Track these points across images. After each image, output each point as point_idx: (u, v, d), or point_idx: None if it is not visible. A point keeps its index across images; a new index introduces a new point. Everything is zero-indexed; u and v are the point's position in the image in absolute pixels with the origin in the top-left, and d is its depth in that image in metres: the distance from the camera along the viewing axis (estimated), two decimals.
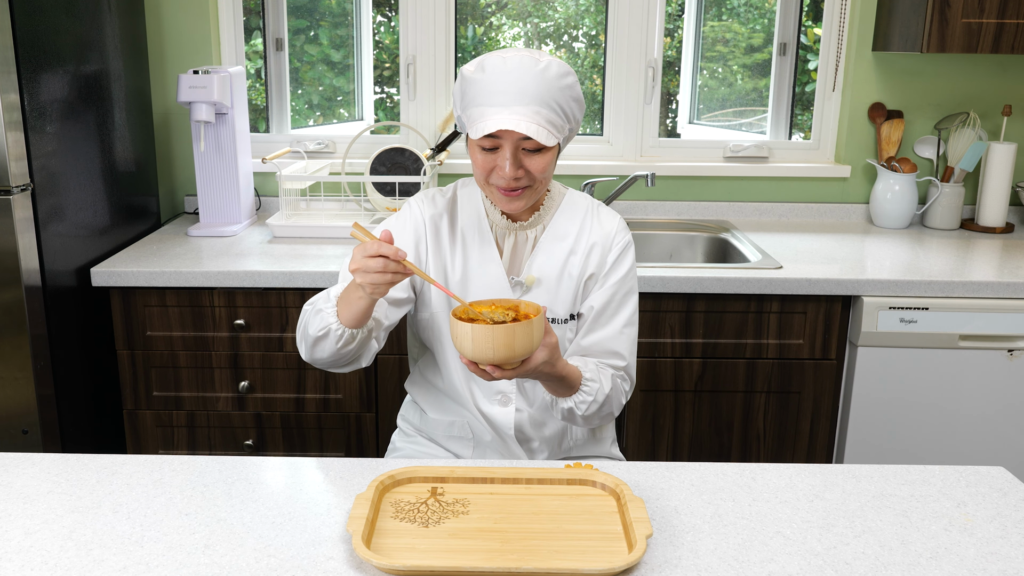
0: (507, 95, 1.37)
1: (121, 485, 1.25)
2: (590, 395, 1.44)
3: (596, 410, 1.47)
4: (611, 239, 1.54)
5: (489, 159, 1.42)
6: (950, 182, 2.70)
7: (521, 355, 1.28)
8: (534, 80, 1.37)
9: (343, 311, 1.36)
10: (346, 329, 1.37)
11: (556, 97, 1.39)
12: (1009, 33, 2.35)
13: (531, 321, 1.27)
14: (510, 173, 1.40)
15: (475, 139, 1.40)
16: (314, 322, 1.39)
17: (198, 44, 2.68)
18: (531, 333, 1.27)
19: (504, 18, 3.48)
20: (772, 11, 3.07)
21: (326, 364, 1.46)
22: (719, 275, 2.16)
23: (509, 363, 1.29)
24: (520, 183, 1.43)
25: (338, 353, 1.40)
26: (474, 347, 1.26)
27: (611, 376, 1.49)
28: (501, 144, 1.40)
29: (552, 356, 1.35)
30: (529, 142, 1.40)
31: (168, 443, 2.29)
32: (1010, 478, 1.31)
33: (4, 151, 1.87)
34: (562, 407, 1.46)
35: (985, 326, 2.18)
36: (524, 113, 1.37)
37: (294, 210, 2.62)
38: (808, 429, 2.29)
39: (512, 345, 1.26)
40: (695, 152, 2.86)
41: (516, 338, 1.25)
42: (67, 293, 2.11)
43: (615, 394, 1.50)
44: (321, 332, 1.38)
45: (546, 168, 1.43)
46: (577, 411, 1.46)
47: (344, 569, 1.07)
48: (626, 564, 1.06)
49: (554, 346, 1.35)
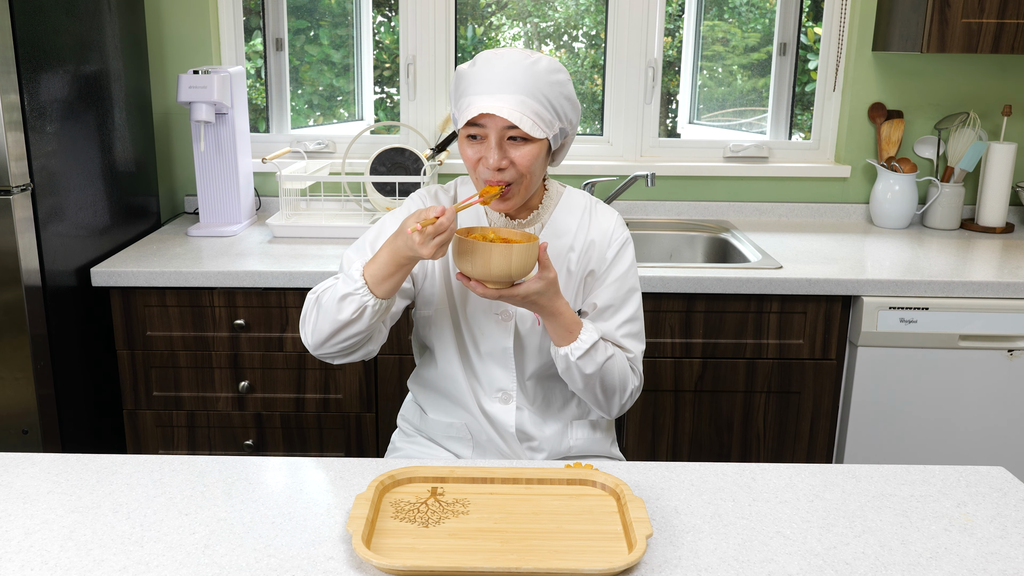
0: (493, 84, 1.38)
1: (121, 485, 1.25)
2: (586, 343, 1.43)
3: (595, 370, 1.45)
4: (609, 236, 1.54)
5: (475, 150, 1.43)
6: (950, 182, 2.70)
7: (518, 275, 1.33)
8: (522, 71, 1.38)
9: (377, 287, 1.38)
10: (381, 301, 1.39)
11: (544, 90, 1.40)
12: (1009, 33, 2.35)
13: (529, 244, 1.32)
14: (494, 161, 1.40)
15: (461, 128, 1.41)
16: (344, 307, 1.38)
17: (198, 44, 2.68)
18: (526, 256, 1.32)
19: (504, 18, 3.48)
20: (772, 11, 3.07)
21: (338, 351, 1.45)
22: (719, 275, 2.16)
23: (502, 281, 1.34)
24: (505, 176, 1.42)
25: (369, 327, 1.41)
26: (473, 260, 1.32)
27: (618, 351, 1.49)
28: (486, 133, 1.41)
29: (549, 290, 1.37)
30: (515, 131, 1.40)
31: (168, 443, 2.29)
32: (1010, 478, 1.31)
33: (4, 151, 1.87)
34: (559, 354, 1.45)
35: (985, 326, 2.18)
36: (509, 101, 1.37)
37: (294, 210, 2.62)
38: (808, 429, 2.29)
39: (508, 262, 1.31)
40: (695, 152, 2.86)
41: (513, 257, 1.31)
42: (67, 293, 2.11)
43: (620, 369, 1.48)
44: (356, 314, 1.38)
45: (532, 162, 1.43)
46: (571, 356, 1.43)
47: (344, 569, 1.07)
48: (626, 564, 1.06)
49: (552, 280, 1.37)
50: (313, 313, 1.44)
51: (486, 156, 1.41)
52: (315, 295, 1.45)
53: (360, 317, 1.39)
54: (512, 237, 1.38)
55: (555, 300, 1.39)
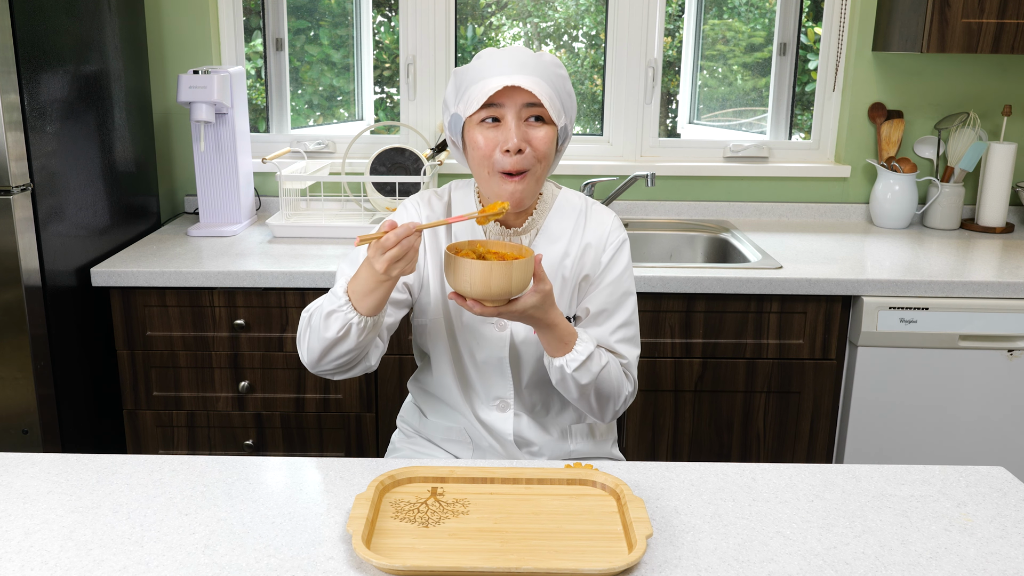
0: (507, 66, 1.39)
1: (121, 485, 1.25)
2: (582, 355, 1.41)
3: (590, 380, 1.42)
4: (605, 239, 1.52)
5: (491, 136, 1.41)
6: (950, 182, 2.70)
7: (498, 292, 1.29)
8: (532, 58, 1.41)
9: (360, 303, 1.34)
10: (366, 319, 1.35)
11: (552, 80, 1.42)
12: (1009, 33, 2.35)
13: (527, 259, 1.29)
14: (516, 140, 1.38)
15: (474, 114, 1.40)
16: (330, 325, 1.35)
17: (198, 44, 2.68)
18: (526, 272, 1.29)
19: (504, 18, 3.48)
20: (772, 11, 3.07)
21: (335, 368, 1.43)
22: (719, 275, 2.16)
23: (501, 299, 1.30)
24: (523, 161, 1.40)
25: (359, 344, 1.37)
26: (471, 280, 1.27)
27: (612, 358, 1.47)
28: (503, 114, 1.40)
29: (544, 303, 1.34)
30: (533, 109, 1.39)
31: (168, 443, 2.29)
32: (1010, 478, 1.31)
33: (4, 151, 1.87)
34: (554, 365, 1.43)
35: (985, 326, 2.18)
36: (527, 80, 1.38)
37: (294, 210, 2.62)
38: (808, 429, 2.29)
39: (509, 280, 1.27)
40: (695, 152, 2.87)
41: (513, 274, 1.27)
42: (67, 293, 2.11)
43: (616, 378, 1.47)
44: (341, 332, 1.35)
45: (549, 147, 1.42)
46: (567, 368, 1.41)
47: (344, 569, 1.07)
48: (626, 564, 1.06)
49: (547, 293, 1.34)
50: (306, 332, 1.42)
51: (506, 137, 1.39)
52: (308, 313, 1.43)
53: (347, 335, 1.36)
54: (505, 251, 1.35)
55: (550, 312, 1.37)
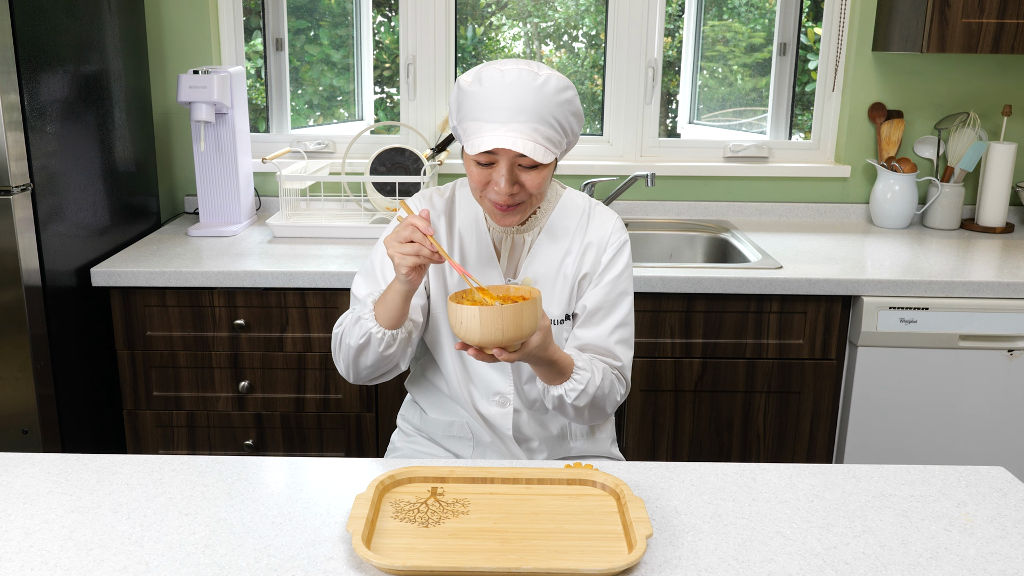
0: (504, 111, 1.35)
1: (121, 485, 1.25)
2: (580, 383, 1.43)
3: (587, 402, 1.45)
4: (606, 239, 1.53)
5: (484, 173, 1.42)
6: (950, 182, 2.70)
7: (528, 334, 1.27)
8: (532, 95, 1.35)
9: (381, 314, 1.40)
10: (386, 331, 1.40)
11: (554, 112, 1.37)
12: (1009, 33, 2.35)
13: (535, 300, 1.28)
14: (505, 189, 1.40)
15: (471, 154, 1.39)
16: (354, 332, 1.42)
17: (198, 44, 2.68)
18: (535, 312, 1.28)
19: (504, 18, 3.48)
20: (772, 11, 3.07)
21: (369, 375, 1.49)
22: (719, 275, 2.16)
23: (514, 344, 1.28)
24: (515, 199, 1.42)
25: (381, 357, 1.43)
26: (482, 329, 1.24)
27: (604, 370, 1.48)
28: (497, 160, 1.39)
29: (545, 340, 1.36)
30: (526, 159, 1.39)
31: (168, 443, 2.29)
32: (1010, 478, 1.31)
33: (4, 151, 1.87)
34: (552, 394, 1.45)
35: (985, 326, 2.18)
36: (521, 130, 1.35)
37: (294, 210, 2.62)
38: (808, 429, 2.29)
39: (520, 324, 1.25)
40: (695, 152, 2.87)
41: (523, 317, 1.25)
42: (67, 293, 2.11)
43: (608, 389, 1.48)
44: (363, 339, 1.41)
45: (541, 184, 1.42)
46: (567, 399, 1.44)
47: (344, 569, 1.07)
48: (626, 564, 1.06)
49: (547, 329, 1.36)
50: (338, 344, 1.49)
51: (496, 182, 1.40)
52: (340, 328, 1.49)
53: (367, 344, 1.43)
54: (508, 294, 1.34)
55: (550, 348, 1.38)
